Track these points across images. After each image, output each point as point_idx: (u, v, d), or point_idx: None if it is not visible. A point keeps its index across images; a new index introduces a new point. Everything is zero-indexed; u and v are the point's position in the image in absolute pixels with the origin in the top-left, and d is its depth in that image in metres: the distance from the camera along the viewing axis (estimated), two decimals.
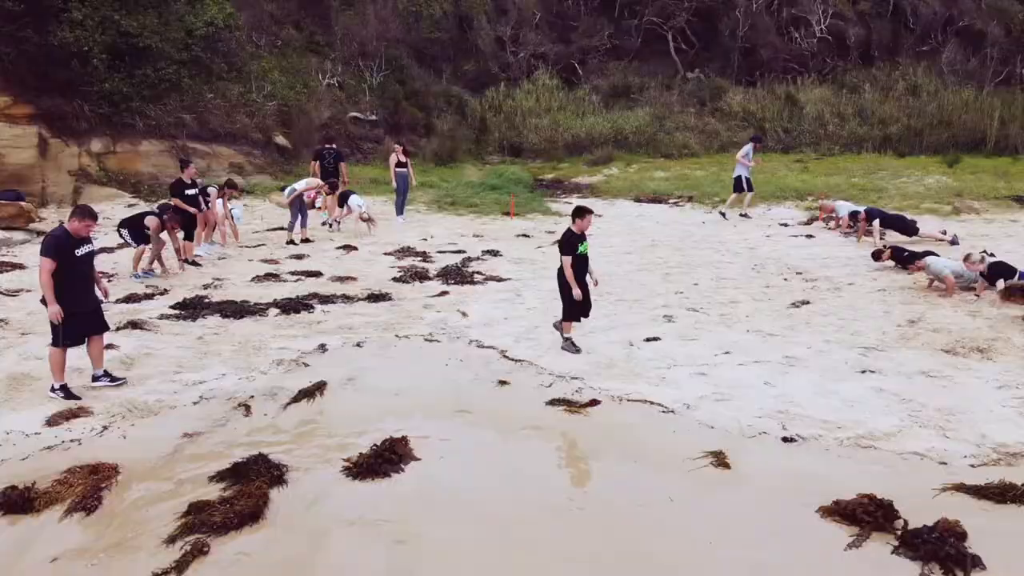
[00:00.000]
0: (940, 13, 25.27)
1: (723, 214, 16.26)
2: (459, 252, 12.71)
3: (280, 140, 19.33)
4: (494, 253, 12.68)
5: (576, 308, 7.87)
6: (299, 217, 13.18)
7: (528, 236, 14.29)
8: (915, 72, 24.51)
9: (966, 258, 9.41)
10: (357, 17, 24.66)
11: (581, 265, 7.79)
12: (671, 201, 18.84)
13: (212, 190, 12.69)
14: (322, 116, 21.09)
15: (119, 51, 16.91)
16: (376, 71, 24.10)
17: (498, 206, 17.24)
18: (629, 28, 29.92)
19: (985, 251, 10.52)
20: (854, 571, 4.28)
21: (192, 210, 11.60)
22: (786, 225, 15.29)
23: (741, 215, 16.23)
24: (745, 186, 16.10)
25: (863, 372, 7.19)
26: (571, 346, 7.89)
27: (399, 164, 15.48)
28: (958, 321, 8.40)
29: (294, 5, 26.46)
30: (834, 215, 14.57)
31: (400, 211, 15.56)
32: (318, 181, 13.90)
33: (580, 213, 7.75)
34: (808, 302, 9.66)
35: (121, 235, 10.97)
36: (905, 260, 10.33)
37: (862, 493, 4.85)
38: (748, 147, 16.20)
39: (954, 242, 12.46)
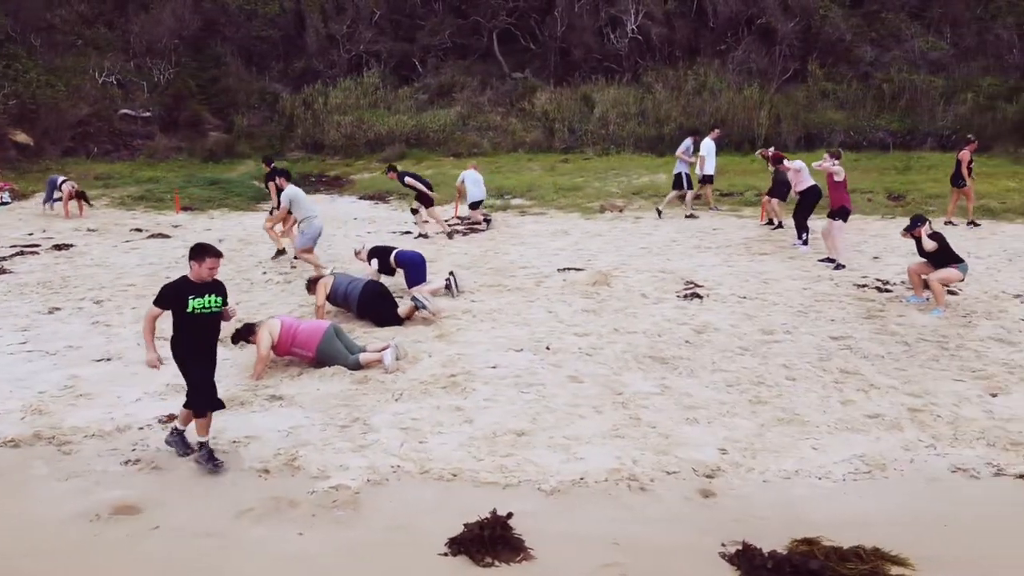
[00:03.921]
0: (740, 12, 24.94)
1: (659, 212, 15.19)
2: (32, 246, 12.84)
3: (20, 138, 19.70)
4: (63, 247, 12.81)
5: (204, 392, 5.08)
6: None
7: (141, 230, 14.43)
8: (707, 71, 24.25)
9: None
10: (152, 15, 25.02)
11: (201, 330, 5.08)
12: (388, 199, 19.00)
13: None
14: (80, 113, 21.43)
15: None
16: (165, 68, 24.43)
17: (188, 201, 17.45)
18: (478, 27, 29.95)
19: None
20: None
21: None
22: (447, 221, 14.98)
23: (687, 216, 15.06)
24: (685, 183, 15.01)
25: None
26: (206, 459, 5.10)
27: None
28: None
29: (109, 5, 27.01)
30: None
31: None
32: None
33: (198, 254, 5.05)
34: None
35: None
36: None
37: None
38: (688, 142, 15.18)
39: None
